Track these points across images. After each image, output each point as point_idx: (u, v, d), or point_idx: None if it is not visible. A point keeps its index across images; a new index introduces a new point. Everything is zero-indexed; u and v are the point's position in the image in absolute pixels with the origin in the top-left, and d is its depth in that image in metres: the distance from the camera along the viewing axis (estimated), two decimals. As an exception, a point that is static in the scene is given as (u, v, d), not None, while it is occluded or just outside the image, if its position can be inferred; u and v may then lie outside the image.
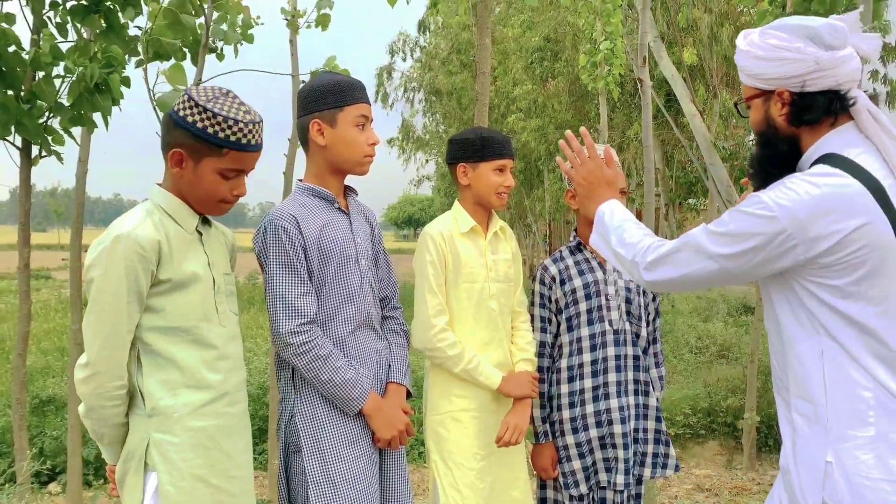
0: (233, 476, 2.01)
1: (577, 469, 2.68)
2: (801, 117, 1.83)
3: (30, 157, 3.44)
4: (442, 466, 2.61)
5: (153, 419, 1.93)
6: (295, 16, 4.38)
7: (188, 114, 1.91)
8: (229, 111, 1.92)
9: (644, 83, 4.54)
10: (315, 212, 2.29)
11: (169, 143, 1.97)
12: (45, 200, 72.46)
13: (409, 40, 25.76)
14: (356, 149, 2.31)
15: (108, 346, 1.88)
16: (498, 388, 2.63)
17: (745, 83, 1.92)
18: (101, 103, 3.22)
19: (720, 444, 6.11)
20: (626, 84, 13.65)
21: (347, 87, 2.31)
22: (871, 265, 1.69)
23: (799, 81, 1.81)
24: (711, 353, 8.72)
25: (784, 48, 1.81)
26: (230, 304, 2.11)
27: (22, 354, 3.56)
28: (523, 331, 2.77)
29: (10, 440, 4.64)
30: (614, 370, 2.69)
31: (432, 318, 2.59)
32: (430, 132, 27.76)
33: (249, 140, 1.95)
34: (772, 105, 1.87)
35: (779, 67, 1.82)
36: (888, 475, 1.70)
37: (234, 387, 2.05)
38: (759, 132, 1.92)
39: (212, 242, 2.09)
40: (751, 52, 1.87)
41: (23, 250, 3.50)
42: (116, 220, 1.96)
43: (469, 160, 2.67)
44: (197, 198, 2.01)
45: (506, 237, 2.80)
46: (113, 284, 1.86)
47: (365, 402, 2.25)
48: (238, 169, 1.99)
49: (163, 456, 1.92)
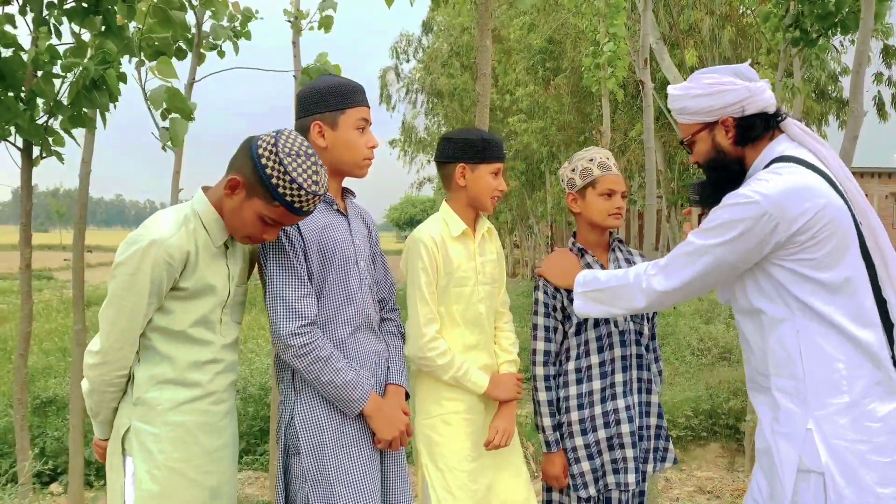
0: (208, 471, 2.09)
1: (586, 470, 2.67)
2: (747, 136, 2.16)
3: (31, 157, 3.44)
4: (433, 470, 2.61)
5: (137, 408, 2.04)
6: (298, 17, 4.38)
7: (265, 155, 1.98)
8: (300, 175, 1.98)
9: (646, 85, 4.53)
10: (314, 213, 2.29)
11: (235, 167, 2.04)
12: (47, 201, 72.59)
13: (412, 40, 25.77)
14: (356, 152, 2.32)
15: (122, 339, 2.01)
16: (487, 392, 2.65)
17: (686, 123, 2.24)
18: (99, 100, 3.22)
19: (722, 447, 6.10)
20: (628, 86, 13.65)
21: (350, 89, 2.31)
22: (838, 238, 1.96)
23: (739, 107, 2.15)
24: (713, 355, 8.71)
25: (719, 83, 2.15)
26: (235, 313, 2.19)
27: (23, 355, 3.56)
28: (507, 332, 2.81)
29: (12, 440, 4.64)
30: (621, 370, 2.69)
31: (423, 327, 2.59)
32: (433, 133, 27.78)
33: (303, 207, 2.03)
34: (717, 133, 2.19)
35: (720, 99, 2.15)
36: (865, 436, 1.93)
37: (221, 387, 2.13)
38: (709, 160, 2.22)
39: (236, 255, 2.18)
40: (689, 94, 2.20)
41: (24, 250, 3.51)
42: (152, 218, 2.05)
43: (469, 161, 2.64)
44: (231, 224, 2.09)
45: (491, 238, 2.81)
46: (138, 285, 1.95)
47: (366, 403, 2.25)
48: (279, 222, 2.07)
49: (140, 444, 2.02)
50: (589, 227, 2.78)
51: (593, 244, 2.79)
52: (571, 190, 2.77)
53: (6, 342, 10.41)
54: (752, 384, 2.19)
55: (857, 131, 3.81)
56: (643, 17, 4.61)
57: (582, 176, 2.73)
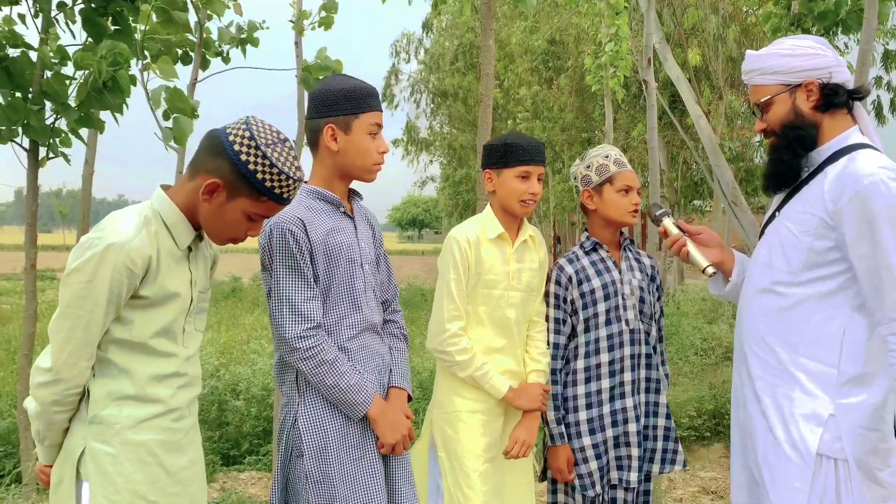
0: (172, 493, 1.91)
1: (593, 470, 2.67)
2: (831, 101, 2.12)
3: (37, 158, 3.44)
4: (447, 465, 2.62)
5: (93, 427, 1.86)
6: (300, 17, 4.38)
7: (244, 152, 1.82)
8: (284, 164, 1.85)
9: (649, 85, 4.53)
10: (321, 216, 2.28)
11: (206, 168, 1.87)
12: (51, 201, 72.72)
13: (412, 40, 25.76)
14: (368, 157, 2.29)
15: (77, 354, 1.81)
16: (509, 399, 2.62)
17: (765, 83, 2.19)
18: (112, 101, 3.21)
19: (726, 447, 6.08)
20: (630, 85, 13.64)
21: (364, 93, 2.28)
22: None
23: (826, 72, 2.12)
24: (717, 354, 8.69)
25: (808, 46, 2.14)
26: (198, 322, 2.04)
27: (28, 355, 3.56)
28: (538, 340, 2.75)
29: (16, 441, 4.65)
30: (629, 369, 2.70)
31: (446, 322, 2.58)
32: (436, 134, 27.78)
33: (289, 196, 1.91)
34: (798, 96, 2.15)
35: (809, 60, 2.12)
36: (879, 426, 2.00)
37: (183, 402, 1.96)
38: (786, 122, 2.16)
39: (198, 259, 2.02)
40: (776, 53, 2.16)
41: (30, 251, 3.51)
42: (108, 220, 1.86)
43: (493, 166, 2.66)
44: (211, 228, 1.94)
45: (535, 245, 2.76)
46: (95, 294, 1.77)
47: (370, 406, 2.24)
48: (265, 216, 1.94)
49: (98, 466, 1.84)
50: (604, 223, 2.77)
51: (607, 241, 2.79)
52: (587, 186, 2.76)
53: (10, 342, 10.41)
54: (762, 361, 2.17)
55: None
56: (646, 16, 4.61)
57: (598, 172, 2.73)
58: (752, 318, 2.22)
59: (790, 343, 2.09)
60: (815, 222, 2.06)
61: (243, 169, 1.82)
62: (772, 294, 2.16)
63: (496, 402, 2.65)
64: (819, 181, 2.09)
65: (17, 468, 4.24)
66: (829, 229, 2.03)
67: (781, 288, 2.14)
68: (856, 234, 1.97)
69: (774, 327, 2.14)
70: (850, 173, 2.00)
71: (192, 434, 2.02)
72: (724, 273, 2.49)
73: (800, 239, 2.09)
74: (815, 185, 2.11)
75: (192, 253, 1.98)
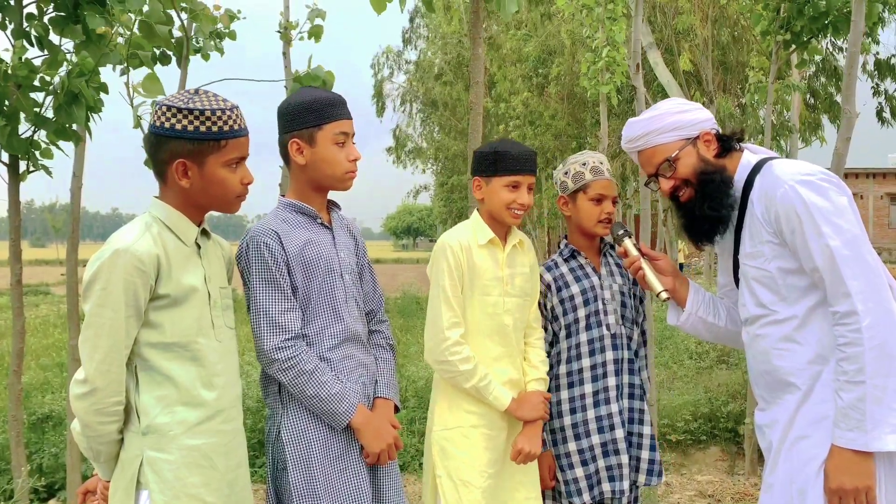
0: (227, 494, 2.00)
1: (579, 476, 2.64)
2: (729, 146, 2.29)
3: (17, 172, 3.41)
4: (448, 484, 2.53)
5: (148, 437, 1.92)
6: (288, 28, 4.38)
7: (175, 122, 1.90)
8: (206, 104, 1.92)
9: (638, 90, 4.54)
10: (297, 228, 2.28)
11: (165, 160, 1.94)
12: (44, 216, 72.55)
13: (391, 54, 25.99)
14: (337, 167, 2.28)
15: (107, 361, 1.87)
16: (509, 409, 2.56)
17: (666, 142, 2.29)
18: (77, 113, 3.15)
19: (722, 450, 6.08)
20: (623, 91, 13.68)
21: (326, 104, 2.26)
22: None
23: (710, 123, 2.31)
24: (711, 358, 8.69)
25: (685, 103, 2.33)
26: (226, 318, 2.09)
27: (17, 371, 3.54)
28: (537, 348, 2.70)
29: (8, 457, 4.61)
30: (613, 374, 2.68)
31: (446, 331, 2.51)
32: (429, 141, 27.86)
33: (240, 125, 1.97)
34: (700, 147, 2.28)
35: (696, 114, 2.30)
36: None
37: (229, 403, 2.04)
38: (699, 170, 2.26)
39: (209, 256, 2.08)
40: (666, 112, 2.30)
41: (14, 266, 3.49)
42: (115, 233, 1.94)
43: (483, 174, 2.61)
44: (212, 200, 2.01)
45: (524, 250, 2.72)
46: (112, 300, 1.84)
47: (352, 416, 2.22)
48: (240, 156, 2.00)
49: (157, 474, 1.90)
50: (581, 233, 2.77)
51: (585, 247, 2.79)
52: (563, 193, 2.76)
53: (3, 358, 10.37)
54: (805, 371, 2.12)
55: (850, 133, 3.82)
56: (634, 22, 4.62)
57: (574, 180, 2.72)
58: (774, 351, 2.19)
59: (822, 356, 2.09)
60: (768, 250, 2.14)
61: (186, 134, 1.90)
62: (775, 325, 2.17)
63: (499, 415, 2.58)
64: (751, 212, 2.19)
65: (10, 484, 4.20)
66: (783, 247, 2.11)
67: (780, 313, 2.15)
68: (798, 243, 2.06)
69: (795, 348, 2.14)
70: (766, 192, 2.13)
71: (239, 437, 2.10)
72: (677, 301, 2.53)
73: (768, 270, 2.15)
74: (749, 217, 2.20)
75: (202, 250, 2.05)
